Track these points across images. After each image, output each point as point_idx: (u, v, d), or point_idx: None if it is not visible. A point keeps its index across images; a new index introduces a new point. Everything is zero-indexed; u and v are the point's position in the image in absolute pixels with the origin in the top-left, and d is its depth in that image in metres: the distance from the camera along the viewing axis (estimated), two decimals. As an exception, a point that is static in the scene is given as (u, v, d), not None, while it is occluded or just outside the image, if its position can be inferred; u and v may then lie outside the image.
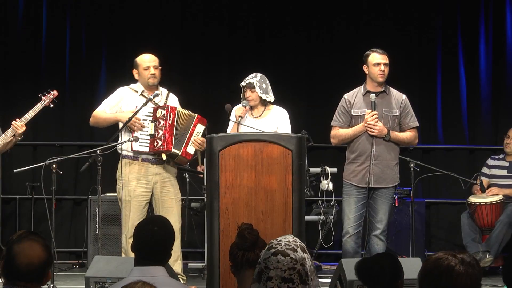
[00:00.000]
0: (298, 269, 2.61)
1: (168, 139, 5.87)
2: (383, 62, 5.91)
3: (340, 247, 6.04)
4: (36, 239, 2.87)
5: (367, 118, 5.84)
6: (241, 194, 4.57)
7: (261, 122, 6.06)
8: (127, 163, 6.00)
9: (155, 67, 6.08)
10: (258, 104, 6.10)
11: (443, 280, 2.59)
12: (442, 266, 2.61)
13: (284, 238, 2.70)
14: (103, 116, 6.08)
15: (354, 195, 5.89)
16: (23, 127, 6.40)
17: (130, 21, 8.51)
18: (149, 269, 3.23)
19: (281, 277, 2.59)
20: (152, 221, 3.49)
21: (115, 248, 7.04)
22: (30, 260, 2.81)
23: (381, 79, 5.89)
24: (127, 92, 6.11)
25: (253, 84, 6.03)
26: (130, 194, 5.96)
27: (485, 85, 8.42)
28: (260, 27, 8.57)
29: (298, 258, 2.63)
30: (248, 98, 6.06)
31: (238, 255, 3.39)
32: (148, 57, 6.13)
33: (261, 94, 6.04)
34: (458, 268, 2.60)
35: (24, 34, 8.51)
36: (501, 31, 8.42)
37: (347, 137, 5.93)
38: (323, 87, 8.32)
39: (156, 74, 6.07)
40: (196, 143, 5.96)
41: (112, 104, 6.09)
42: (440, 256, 2.64)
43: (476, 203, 7.16)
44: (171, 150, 5.90)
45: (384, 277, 3.18)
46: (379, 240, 5.87)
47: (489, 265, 7.01)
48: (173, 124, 5.90)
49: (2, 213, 8.04)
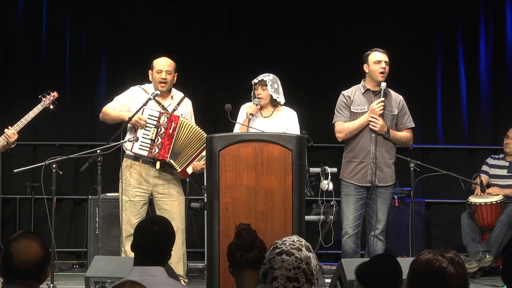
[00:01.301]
0: (303, 268, 2.62)
1: (166, 148, 5.86)
2: (384, 60, 5.92)
3: (340, 247, 6.04)
4: (33, 237, 2.90)
5: (373, 106, 5.84)
6: (241, 194, 4.57)
7: (271, 122, 6.05)
8: (128, 163, 6.00)
9: (168, 72, 6.01)
10: (268, 104, 6.08)
11: (435, 282, 2.59)
12: (434, 268, 2.60)
13: (289, 238, 2.71)
14: (111, 113, 6.06)
15: (353, 195, 5.89)
16: (15, 135, 6.37)
17: (130, 21, 8.51)
18: (149, 269, 3.23)
19: (286, 277, 2.60)
20: (153, 221, 3.49)
21: (115, 248, 7.04)
22: (28, 258, 2.83)
23: (382, 77, 5.89)
24: (138, 93, 6.09)
25: (266, 82, 6.02)
26: (128, 194, 5.96)
27: (485, 85, 8.43)
28: (260, 27, 8.57)
29: (303, 257, 2.64)
30: (258, 96, 6.03)
31: (237, 256, 3.39)
32: (163, 61, 6.06)
33: (272, 93, 6.03)
34: (449, 269, 2.60)
35: (24, 34, 8.51)
36: (501, 31, 8.42)
37: (353, 130, 5.90)
38: (323, 87, 8.32)
39: (167, 80, 6.00)
40: (195, 167, 5.94)
41: (122, 102, 6.07)
42: (430, 257, 2.63)
43: (476, 203, 7.16)
44: (166, 159, 5.88)
45: (385, 281, 3.19)
46: (379, 240, 5.87)
47: (489, 265, 7.01)
48: (173, 133, 5.86)
49: (2, 213, 8.04)
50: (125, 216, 5.95)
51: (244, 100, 6.26)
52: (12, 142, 6.39)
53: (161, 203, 6.01)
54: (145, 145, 5.90)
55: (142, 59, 8.33)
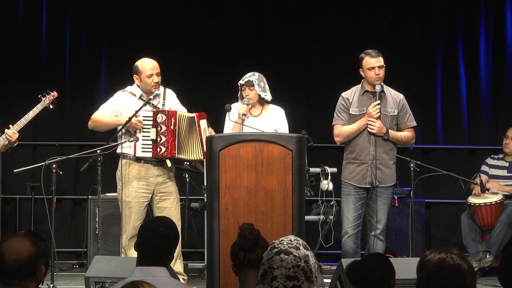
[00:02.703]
0: (302, 266, 2.63)
1: (171, 145, 5.86)
2: (377, 66, 5.86)
3: (340, 247, 6.04)
4: (23, 236, 2.91)
5: (369, 109, 5.84)
6: (241, 194, 4.57)
7: (261, 120, 6.07)
8: (127, 163, 5.99)
9: (158, 74, 6.02)
10: (256, 103, 6.11)
11: (453, 279, 2.63)
12: (450, 266, 2.64)
13: (286, 238, 2.72)
14: (104, 120, 6.04)
15: (352, 195, 5.89)
16: (15, 134, 6.37)
17: (130, 21, 8.51)
18: (151, 269, 3.23)
19: (286, 275, 2.61)
20: (157, 221, 3.50)
21: (115, 248, 7.04)
22: (19, 254, 2.83)
23: (378, 82, 5.88)
24: (126, 97, 6.07)
25: (252, 82, 6.03)
26: (131, 195, 5.95)
27: (485, 85, 8.42)
28: (260, 27, 8.57)
29: (301, 255, 2.65)
30: (246, 97, 6.05)
31: (240, 255, 3.40)
32: (150, 64, 6.04)
33: (259, 92, 6.04)
34: (463, 265, 2.66)
35: (24, 34, 8.51)
36: (501, 31, 8.42)
37: (351, 133, 5.90)
38: (323, 87, 8.32)
39: (159, 82, 6.04)
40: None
41: (111, 109, 6.04)
42: (442, 256, 2.66)
43: (475, 204, 7.16)
44: (175, 156, 5.89)
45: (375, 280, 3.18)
46: (379, 240, 5.87)
47: (489, 265, 7.01)
48: (175, 129, 5.87)
49: (2, 213, 8.04)
50: (128, 218, 5.94)
51: (245, 101, 6.27)
52: (14, 141, 6.40)
53: (161, 201, 6.01)
54: (147, 146, 5.90)
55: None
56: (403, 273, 4.10)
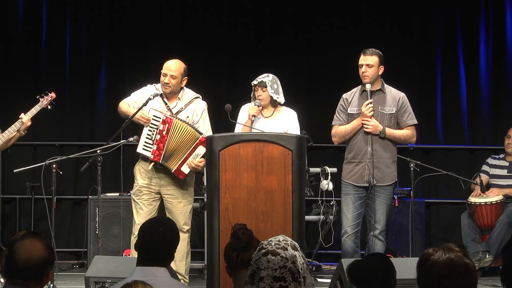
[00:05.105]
0: (289, 267, 2.61)
1: (160, 150, 5.86)
2: (365, 64, 5.89)
3: (340, 247, 6.03)
4: (38, 238, 2.85)
5: (362, 109, 5.85)
6: (241, 194, 4.57)
7: (272, 122, 6.07)
8: (140, 161, 6.02)
9: (173, 76, 5.96)
10: (268, 104, 6.10)
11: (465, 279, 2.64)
12: (460, 266, 2.65)
13: (275, 238, 2.70)
14: (122, 108, 6.07)
15: (351, 195, 5.89)
16: (30, 121, 6.41)
17: (130, 22, 8.51)
18: (151, 270, 3.23)
19: (273, 276, 2.59)
20: (157, 221, 3.50)
21: (115, 248, 7.04)
22: (29, 256, 2.78)
23: (365, 81, 5.89)
24: (151, 91, 6.07)
25: (265, 83, 6.03)
26: (135, 193, 5.98)
27: (485, 85, 8.42)
28: (260, 27, 8.57)
29: (288, 256, 2.63)
30: (258, 97, 6.05)
31: (233, 256, 3.39)
32: (169, 65, 6.02)
33: (272, 94, 6.04)
34: (471, 263, 2.67)
35: (24, 35, 8.51)
36: (501, 31, 8.41)
37: (346, 133, 5.93)
38: (323, 87, 8.32)
39: (171, 84, 5.96)
40: (190, 165, 5.85)
41: (135, 99, 6.08)
42: (451, 256, 2.66)
43: (476, 203, 7.16)
44: (160, 161, 5.89)
45: (376, 280, 3.18)
46: (378, 240, 5.86)
47: (489, 265, 7.01)
48: (166, 136, 5.85)
49: (2, 213, 8.04)
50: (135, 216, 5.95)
51: (244, 100, 6.26)
52: (25, 129, 6.40)
53: (167, 203, 6.02)
54: (148, 145, 5.90)
55: (142, 60, 8.37)
56: (403, 273, 4.09)
